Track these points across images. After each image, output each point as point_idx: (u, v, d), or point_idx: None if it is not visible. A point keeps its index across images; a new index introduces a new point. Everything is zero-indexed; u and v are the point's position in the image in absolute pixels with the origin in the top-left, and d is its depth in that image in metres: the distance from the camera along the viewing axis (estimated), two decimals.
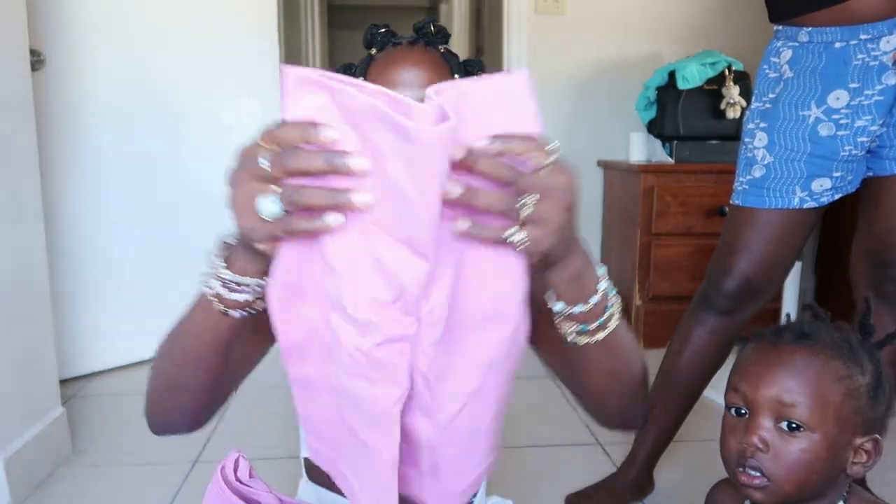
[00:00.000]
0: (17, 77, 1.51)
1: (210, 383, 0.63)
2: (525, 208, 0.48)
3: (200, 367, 0.61)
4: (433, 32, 0.75)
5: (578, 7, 2.76)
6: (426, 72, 0.71)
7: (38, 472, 1.54)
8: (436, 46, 0.74)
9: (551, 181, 0.48)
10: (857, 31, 1.19)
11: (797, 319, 0.76)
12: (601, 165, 2.84)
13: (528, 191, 0.48)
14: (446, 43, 0.76)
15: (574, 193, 0.49)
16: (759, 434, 0.68)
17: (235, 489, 0.67)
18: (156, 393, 0.65)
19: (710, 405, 1.96)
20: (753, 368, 0.71)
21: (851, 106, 1.21)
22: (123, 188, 2.21)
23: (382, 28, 0.77)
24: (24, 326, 1.52)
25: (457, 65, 0.74)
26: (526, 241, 0.48)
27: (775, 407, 0.68)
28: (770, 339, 0.72)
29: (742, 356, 0.74)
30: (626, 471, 1.47)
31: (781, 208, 1.28)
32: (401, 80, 0.70)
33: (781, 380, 0.68)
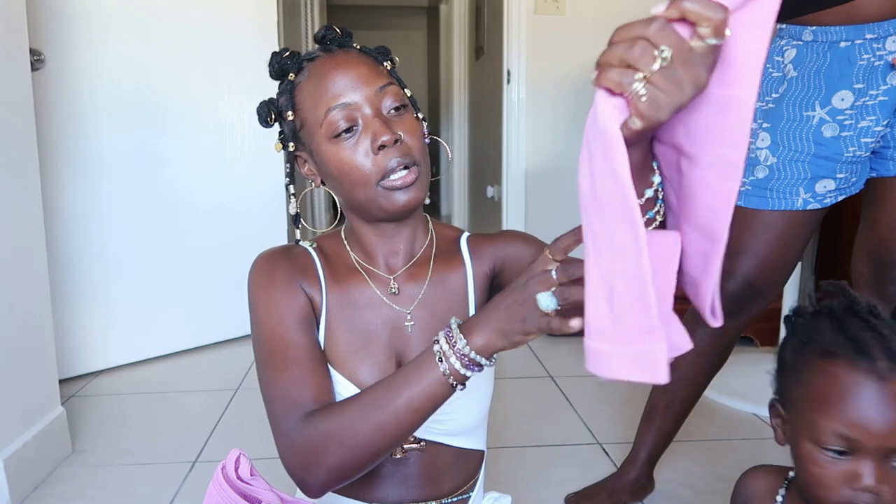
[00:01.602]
0: (17, 77, 1.51)
1: (395, 441, 0.69)
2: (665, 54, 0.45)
3: (404, 426, 0.68)
4: (341, 34, 0.78)
5: (578, 7, 2.76)
6: (364, 68, 0.74)
7: (37, 472, 1.53)
8: (352, 45, 0.77)
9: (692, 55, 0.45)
10: (863, 30, 1.18)
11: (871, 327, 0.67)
12: None
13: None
14: (351, 39, 0.79)
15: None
16: (880, 482, 0.64)
17: (236, 487, 0.67)
18: (352, 462, 0.68)
19: (710, 405, 1.96)
20: (862, 409, 0.64)
21: (856, 106, 1.21)
22: (123, 188, 2.21)
23: (286, 52, 0.78)
24: (24, 326, 1.52)
25: (379, 56, 0.78)
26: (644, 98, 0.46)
27: (889, 447, 0.64)
28: (866, 367, 0.65)
29: (833, 390, 0.67)
30: (626, 471, 1.47)
31: (785, 210, 1.28)
32: (345, 85, 0.72)
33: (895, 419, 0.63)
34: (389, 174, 0.73)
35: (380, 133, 0.72)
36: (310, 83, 0.75)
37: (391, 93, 0.74)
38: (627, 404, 1.85)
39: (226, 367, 2.27)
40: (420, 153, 0.75)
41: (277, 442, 0.72)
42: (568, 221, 2.92)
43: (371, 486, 0.82)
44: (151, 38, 2.25)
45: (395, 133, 0.72)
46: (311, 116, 0.75)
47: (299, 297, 0.78)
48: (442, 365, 0.64)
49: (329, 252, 0.84)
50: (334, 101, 0.73)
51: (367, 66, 0.75)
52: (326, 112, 0.73)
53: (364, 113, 0.73)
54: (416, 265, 0.83)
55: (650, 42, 0.45)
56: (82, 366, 2.20)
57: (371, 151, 0.72)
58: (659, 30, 0.45)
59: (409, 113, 0.76)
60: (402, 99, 0.75)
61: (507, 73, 2.81)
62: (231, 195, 2.49)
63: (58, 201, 2.07)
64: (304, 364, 0.75)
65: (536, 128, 2.84)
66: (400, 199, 0.74)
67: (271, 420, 0.74)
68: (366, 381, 0.79)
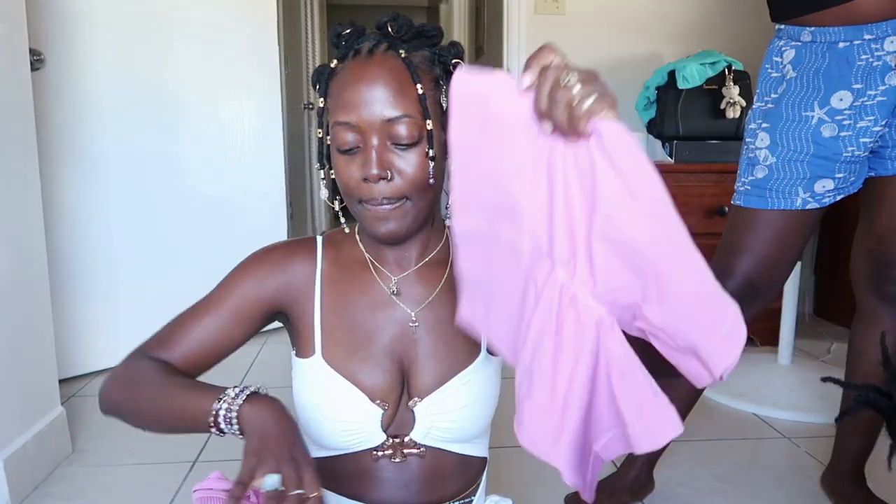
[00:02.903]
0: (17, 77, 1.51)
1: (158, 432, 0.74)
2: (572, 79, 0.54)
3: (160, 427, 0.75)
4: (394, 34, 0.73)
5: (578, 7, 2.76)
6: (383, 89, 0.71)
7: (37, 472, 1.53)
8: (396, 50, 0.73)
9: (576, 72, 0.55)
10: (861, 31, 1.18)
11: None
12: None
13: (567, 74, 0.54)
14: (409, 39, 0.74)
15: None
16: None
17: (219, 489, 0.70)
18: (122, 400, 0.76)
19: (710, 405, 1.96)
20: None
21: (854, 107, 1.21)
22: (123, 188, 2.21)
23: (347, 31, 0.75)
24: (24, 326, 1.52)
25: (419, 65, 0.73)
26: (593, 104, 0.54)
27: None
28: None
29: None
30: (626, 471, 1.47)
31: (784, 209, 1.28)
32: (359, 102, 0.71)
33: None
34: (369, 202, 0.73)
35: (368, 167, 0.71)
36: (339, 82, 0.73)
37: (402, 127, 0.71)
38: None
39: (226, 367, 2.26)
40: (415, 189, 0.73)
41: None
42: None
43: (372, 489, 0.82)
44: (151, 37, 2.25)
45: (384, 171, 0.71)
46: (330, 115, 0.75)
47: (268, 289, 0.81)
48: (216, 405, 0.67)
49: (339, 245, 0.84)
50: (344, 116, 0.72)
51: (393, 87, 0.71)
52: (335, 123, 0.73)
53: (367, 138, 0.71)
54: (428, 267, 0.82)
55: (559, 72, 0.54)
56: (82, 366, 2.20)
57: (359, 177, 0.72)
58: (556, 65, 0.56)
59: (421, 147, 0.72)
60: (413, 135, 0.71)
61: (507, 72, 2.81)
62: (231, 194, 2.49)
63: (58, 201, 2.07)
64: (210, 328, 0.80)
65: None
66: (378, 229, 0.74)
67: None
68: (367, 383, 0.78)
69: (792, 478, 1.58)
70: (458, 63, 0.75)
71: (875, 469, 1.49)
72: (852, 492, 1.43)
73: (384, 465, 0.80)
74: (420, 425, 0.80)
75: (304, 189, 4.42)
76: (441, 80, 0.75)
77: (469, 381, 0.80)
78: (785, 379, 2.07)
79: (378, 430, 0.79)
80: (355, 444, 0.79)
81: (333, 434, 0.79)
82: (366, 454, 0.80)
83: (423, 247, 0.82)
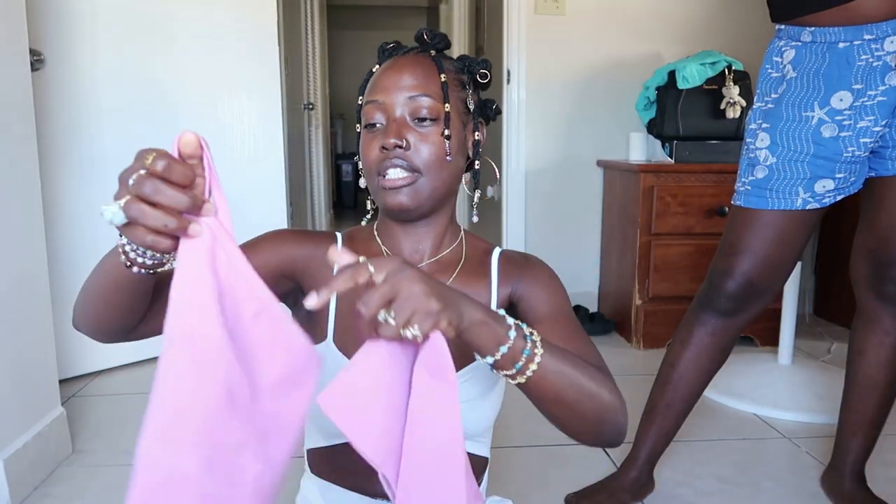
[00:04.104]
0: (17, 77, 1.51)
1: (113, 318, 0.69)
2: (389, 319, 0.54)
3: (101, 303, 0.68)
4: (427, 40, 0.82)
5: (578, 7, 2.76)
6: (410, 74, 0.78)
7: (37, 472, 1.53)
8: (427, 51, 0.82)
9: (386, 286, 0.54)
10: (861, 31, 1.18)
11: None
12: (601, 165, 2.84)
13: (378, 306, 0.54)
14: (442, 48, 0.83)
15: (404, 275, 0.55)
16: None
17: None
18: (78, 303, 0.73)
19: (710, 405, 1.96)
20: None
21: (854, 107, 1.21)
22: None
23: (391, 44, 0.84)
24: (24, 326, 1.52)
25: (445, 65, 0.81)
26: (417, 333, 0.55)
27: None
28: None
29: None
30: (626, 471, 1.47)
31: (784, 209, 1.28)
32: (387, 85, 0.78)
33: None
34: (385, 172, 0.77)
35: (388, 136, 0.76)
36: (374, 77, 0.82)
37: (423, 103, 0.78)
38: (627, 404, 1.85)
39: None
40: (427, 164, 0.78)
41: None
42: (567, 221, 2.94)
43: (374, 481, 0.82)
44: (151, 37, 2.25)
45: (400, 140, 0.76)
46: (363, 104, 0.82)
47: (290, 252, 0.82)
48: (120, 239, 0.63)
49: (358, 239, 0.87)
50: (373, 97, 0.79)
51: (420, 73, 0.79)
52: (365, 104, 0.80)
53: (391, 114, 0.78)
54: (439, 265, 0.84)
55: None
56: (82, 366, 2.20)
57: (379, 149, 0.78)
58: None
59: (438, 126, 0.78)
60: (433, 112, 0.78)
61: (507, 73, 2.81)
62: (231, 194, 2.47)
63: (58, 201, 2.07)
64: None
65: (536, 128, 2.84)
66: (391, 199, 0.78)
67: None
68: None
69: (792, 478, 1.58)
70: (485, 73, 0.84)
71: (875, 469, 1.49)
72: (852, 492, 1.43)
73: None
74: None
75: (304, 189, 4.42)
76: (467, 85, 0.83)
77: (470, 379, 0.81)
78: (785, 379, 2.07)
79: None
80: None
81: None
82: None
83: (438, 242, 0.85)
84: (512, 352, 0.60)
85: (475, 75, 0.84)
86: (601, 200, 2.88)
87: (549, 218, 2.87)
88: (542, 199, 2.87)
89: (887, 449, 1.66)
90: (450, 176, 0.80)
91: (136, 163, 0.54)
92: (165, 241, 0.54)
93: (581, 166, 2.86)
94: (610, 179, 2.79)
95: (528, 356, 0.61)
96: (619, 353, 2.46)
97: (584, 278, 2.89)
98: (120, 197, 0.54)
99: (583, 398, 0.66)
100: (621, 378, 2.36)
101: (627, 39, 2.80)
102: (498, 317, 0.61)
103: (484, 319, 0.60)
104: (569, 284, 2.83)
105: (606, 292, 2.85)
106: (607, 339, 2.63)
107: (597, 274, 2.91)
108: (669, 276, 2.48)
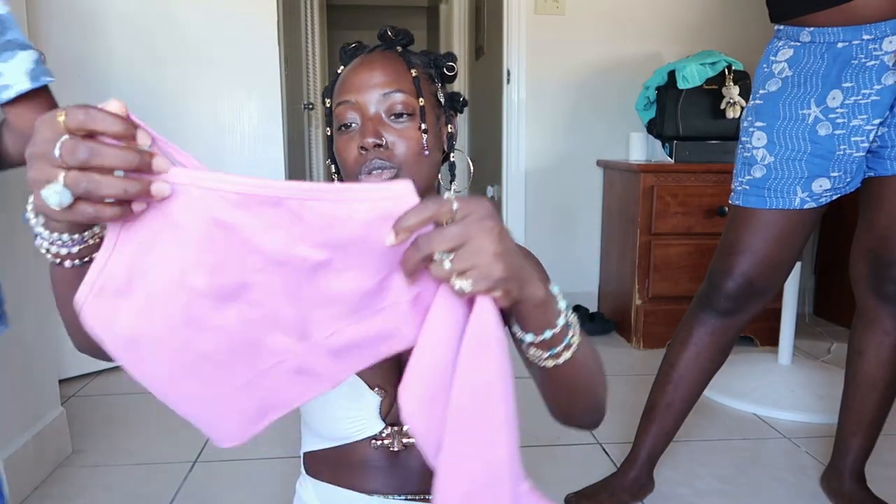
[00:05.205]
0: None
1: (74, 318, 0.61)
2: (446, 261, 0.49)
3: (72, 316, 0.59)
4: (391, 37, 0.81)
5: (578, 7, 2.76)
6: (381, 72, 0.77)
7: (37, 472, 1.53)
8: (393, 48, 0.81)
9: (458, 229, 0.49)
10: (860, 31, 1.19)
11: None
12: (601, 165, 2.84)
13: (440, 248, 0.49)
14: (406, 44, 0.82)
15: (483, 226, 0.49)
16: None
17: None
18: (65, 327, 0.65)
19: (710, 405, 1.96)
20: None
21: (847, 105, 1.21)
22: None
23: (353, 44, 0.83)
24: (24, 326, 1.52)
25: (414, 60, 0.80)
26: (466, 288, 0.49)
27: None
28: None
29: None
30: (626, 471, 1.47)
31: (783, 209, 1.28)
32: (358, 84, 0.77)
33: None
34: (366, 173, 0.77)
35: (366, 135, 0.75)
36: (342, 78, 0.80)
37: (396, 99, 0.77)
38: (627, 404, 1.85)
39: None
40: (406, 160, 0.77)
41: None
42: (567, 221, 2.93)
43: (370, 479, 0.82)
44: (151, 37, 2.25)
45: (379, 139, 0.75)
46: (334, 103, 0.81)
47: None
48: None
49: None
50: (344, 97, 0.78)
51: (390, 69, 0.78)
52: (337, 105, 0.79)
53: (365, 112, 0.77)
54: None
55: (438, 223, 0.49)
56: (82, 366, 2.20)
57: (357, 150, 0.77)
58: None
59: (414, 122, 0.77)
60: (408, 107, 0.77)
61: (507, 73, 2.81)
62: None
63: None
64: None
65: (536, 128, 2.84)
66: None
67: None
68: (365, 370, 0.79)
69: (792, 478, 1.58)
70: (451, 66, 0.83)
71: (875, 469, 1.49)
72: (852, 492, 1.43)
73: (382, 454, 0.81)
74: None
75: None
76: (436, 79, 0.82)
77: None
78: (785, 379, 2.07)
79: (377, 418, 0.79)
80: (354, 432, 0.80)
81: (333, 422, 0.80)
82: (364, 443, 0.81)
83: None
84: (554, 337, 0.58)
85: (442, 69, 0.83)
86: (601, 200, 2.88)
87: (548, 218, 2.87)
88: (541, 199, 2.87)
89: (887, 449, 1.66)
90: (429, 170, 0.80)
91: (44, 131, 0.45)
92: (114, 210, 0.46)
93: (581, 166, 2.86)
94: (610, 179, 2.79)
95: (567, 344, 0.59)
96: (619, 353, 2.46)
97: (583, 278, 2.89)
98: (42, 177, 0.45)
99: (592, 384, 0.66)
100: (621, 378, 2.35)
101: (627, 39, 2.80)
102: (554, 299, 0.58)
103: (543, 301, 0.56)
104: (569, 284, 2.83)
105: (606, 292, 2.85)
106: (607, 338, 2.63)
107: (597, 274, 2.91)
108: (669, 276, 2.48)
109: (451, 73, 0.83)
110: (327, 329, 0.54)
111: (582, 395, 0.66)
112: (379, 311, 0.54)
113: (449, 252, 0.49)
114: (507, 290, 0.51)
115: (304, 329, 0.54)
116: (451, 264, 0.49)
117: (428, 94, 0.80)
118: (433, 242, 0.48)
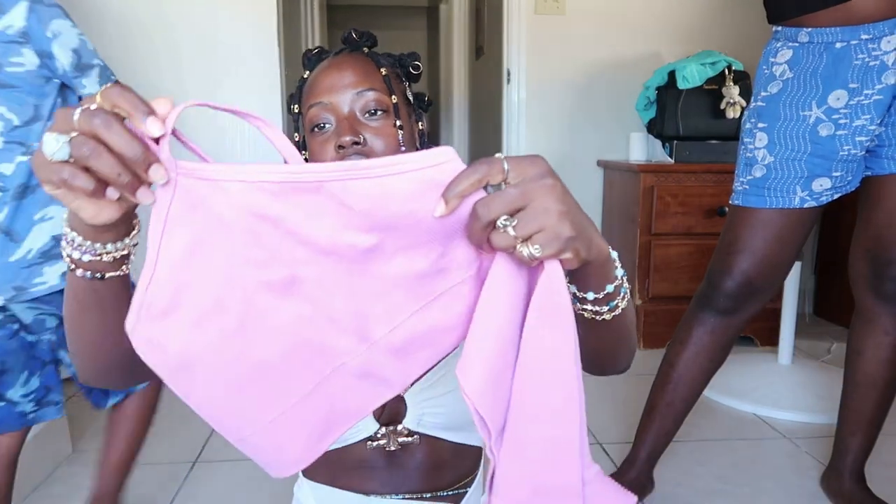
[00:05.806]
0: None
1: (88, 345, 0.61)
2: (510, 228, 0.46)
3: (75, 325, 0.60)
4: (356, 38, 0.82)
5: (578, 7, 2.77)
6: (351, 72, 0.77)
7: (37, 472, 1.53)
8: (360, 50, 0.81)
9: (517, 190, 0.46)
10: (858, 31, 1.19)
11: None
12: (601, 165, 2.84)
13: (502, 212, 0.46)
14: (371, 46, 0.83)
15: (543, 184, 0.46)
16: None
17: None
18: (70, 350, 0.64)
19: (710, 405, 1.96)
20: None
21: (850, 105, 1.21)
22: None
23: (315, 50, 0.83)
24: None
25: (381, 60, 0.80)
26: (535, 253, 0.46)
27: None
28: None
29: None
30: (626, 471, 1.47)
31: (782, 208, 1.28)
32: (330, 85, 0.77)
33: None
34: None
35: (341, 134, 0.75)
36: (310, 82, 0.80)
37: (370, 97, 0.77)
38: (627, 403, 1.85)
39: None
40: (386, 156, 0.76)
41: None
42: None
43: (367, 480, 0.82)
44: (151, 37, 2.26)
45: (356, 136, 0.75)
46: (304, 105, 0.80)
47: None
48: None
49: None
50: (316, 99, 0.78)
51: (360, 70, 0.78)
52: (309, 108, 0.78)
53: (339, 113, 0.77)
54: None
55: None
56: None
57: (335, 149, 0.77)
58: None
59: (388, 118, 0.78)
60: (382, 104, 0.77)
61: (507, 72, 2.81)
62: None
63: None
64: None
65: (536, 128, 2.84)
66: None
67: None
68: None
69: (792, 478, 1.58)
70: (417, 65, 0.84)
71: (875, 469, 1.49)
72: (852, 492, 1.43)
73: (379, 454, 0.81)
74: (412, 412, 0.80)
75: None
76: (403, 78, 0.83)
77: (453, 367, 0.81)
78: (785, 379, 2.07)
79: (371, 419, 0.80)
80: (350, 434, 0.80)
81: None
82: (360, 445, 0.81)
83: None
84: (615, 290, 0.55)
85: (408, 68, 0.84)
86: (601, 200, 2.88)
87: None
88: None
89: (887, 449, 1.66)
90: None
91: (83, 102, 0.46)
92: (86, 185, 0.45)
93: (581, 166, 2.86)
94: (610, 179, 2.79)
95: (623, 294, 0.57)
96: None
97: None
98: (54, 130, 0.44)
99: (634, 323, 0.65)
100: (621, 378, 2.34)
101: (627, 39, 2.80)
102: (612, 253, 0.56)
103: (609, 257, 0.53)
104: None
105: None
106: None
107: None
108: (669, 276, 2.48)
109: (417, 73, 0.85)
110: (386, 325, 0.52)
111: (627, 338, 0.65)
112: (438, 298, 0.51)
113: (511, 217, 0.46)
114: (577, 251, 0.48)
115: (362, 327, 0.52)
116: (515, 230, 0.46)
117: (399, 92, 0.80)
118: (493, 207, 0.46)
